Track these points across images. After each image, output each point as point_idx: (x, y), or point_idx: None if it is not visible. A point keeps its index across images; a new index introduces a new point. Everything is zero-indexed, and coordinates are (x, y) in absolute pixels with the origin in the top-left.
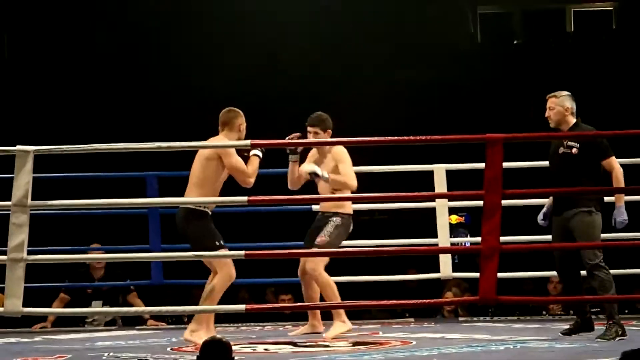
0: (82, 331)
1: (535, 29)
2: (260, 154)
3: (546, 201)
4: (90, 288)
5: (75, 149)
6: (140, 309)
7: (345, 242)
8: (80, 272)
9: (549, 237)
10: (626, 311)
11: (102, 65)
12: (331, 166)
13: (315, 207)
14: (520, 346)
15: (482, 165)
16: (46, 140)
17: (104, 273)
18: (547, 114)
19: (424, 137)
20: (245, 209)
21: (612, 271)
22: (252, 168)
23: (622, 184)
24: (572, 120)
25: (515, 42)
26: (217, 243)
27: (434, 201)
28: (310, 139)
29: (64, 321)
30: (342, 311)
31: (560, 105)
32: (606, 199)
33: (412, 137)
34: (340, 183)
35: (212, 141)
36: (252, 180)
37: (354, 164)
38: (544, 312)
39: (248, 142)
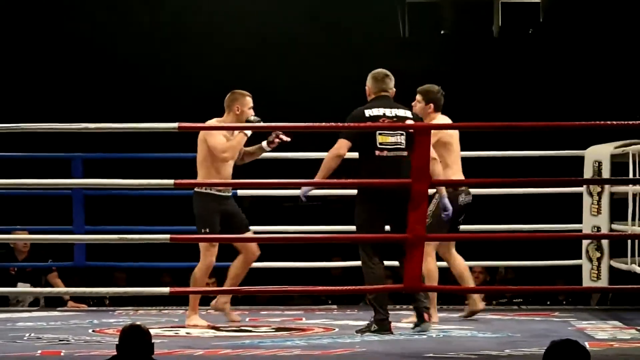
0: (3, 311)
1: (464, 20)
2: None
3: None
4: (14, 269)
5: None
6: (63, 289)
7: (269, 228)
8: (2, 254)
9: (474, 227)
10: (548, 302)
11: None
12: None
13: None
14: (443, 335)
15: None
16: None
17: (27, 255)
18: None
19: (349, 124)
20: (172, 192)
21: (534, 262)
22: (227, 144)
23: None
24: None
25: (442, 32)
26: (203, 230)
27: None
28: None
29: None
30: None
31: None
32: None
33: (333, 124)
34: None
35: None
36: (226, 155)
37: (284, 151)
38: (466, 302)
39: (175, 125)
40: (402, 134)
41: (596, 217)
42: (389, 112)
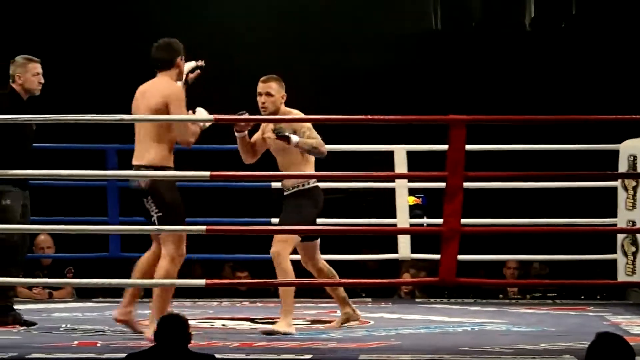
0: (39, 302)
1: (495, 11)
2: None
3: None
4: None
5: (26, 120)
6: (101, 281)
7: None
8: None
9: (512, 220)
10: (582, 297)
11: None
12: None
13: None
14: (477, 328)
15: (441, 147)
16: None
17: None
18: None
19: (386, 117)
20: (208, 184)
21: (569, 257)
22: None
23: None
24: None
25: (473, 24)
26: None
27: (393, 182)
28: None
29: None
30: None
31: None
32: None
33: (375, 117)
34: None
35: None
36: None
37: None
38: (501, 295)
39: (211, 117)
40: None
41: (631, 211)
42: None
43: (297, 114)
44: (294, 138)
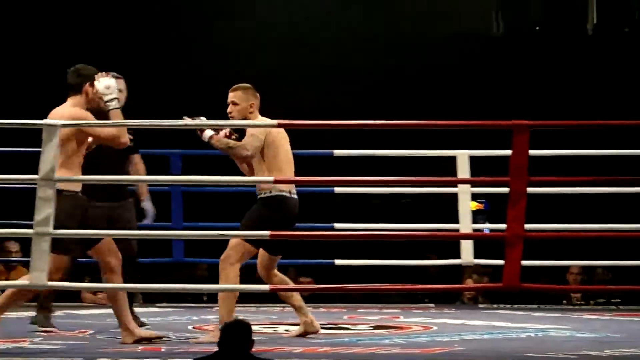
0: (103, 307)
1: (557, 16)
2: None
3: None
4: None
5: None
6: (164, 286)
7: (366, 225)
8: None
9: (575, 225)
10: None
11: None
12: None
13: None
14: (541, 334)
15: (503, 152)
16: None
17: None
18: None
19: (449, 122)
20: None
21: (633, 262)
22: None
23: None
24: None
25: (537, 28)
26: None
27: (454, 187)
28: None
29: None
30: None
31: None
32: None
33: (437, 122)
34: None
35: None
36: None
37: (370, 148)
38: (564, 301)
39: (275, 122)
40: None
41: None
42: None
43: (263, 120)
44: (208, 132)
